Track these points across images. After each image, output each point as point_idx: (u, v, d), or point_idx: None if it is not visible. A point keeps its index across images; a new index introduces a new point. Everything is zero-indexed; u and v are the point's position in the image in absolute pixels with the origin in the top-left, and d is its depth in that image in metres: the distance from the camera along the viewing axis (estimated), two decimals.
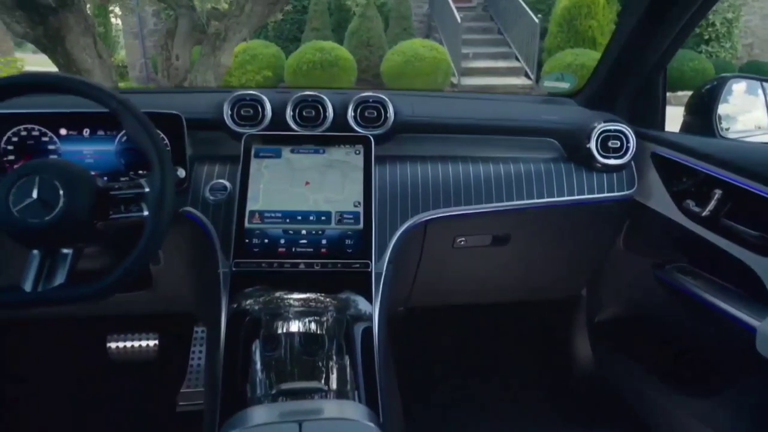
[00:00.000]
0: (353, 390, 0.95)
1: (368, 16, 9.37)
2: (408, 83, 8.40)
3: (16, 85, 0.94)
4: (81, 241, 0.97)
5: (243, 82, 8.30)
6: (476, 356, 1.86)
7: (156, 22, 10.08)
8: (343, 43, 9.35)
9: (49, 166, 0.92)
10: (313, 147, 1.21)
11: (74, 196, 0.90)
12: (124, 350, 1.69)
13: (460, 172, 1.27)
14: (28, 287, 0.90)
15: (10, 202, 0.88)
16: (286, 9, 7.67)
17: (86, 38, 4.54)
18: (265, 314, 1.08)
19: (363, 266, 1.11)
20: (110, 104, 0.93)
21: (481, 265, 1.45)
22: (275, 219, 1.14)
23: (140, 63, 10.48)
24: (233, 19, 5.04)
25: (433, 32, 10.69)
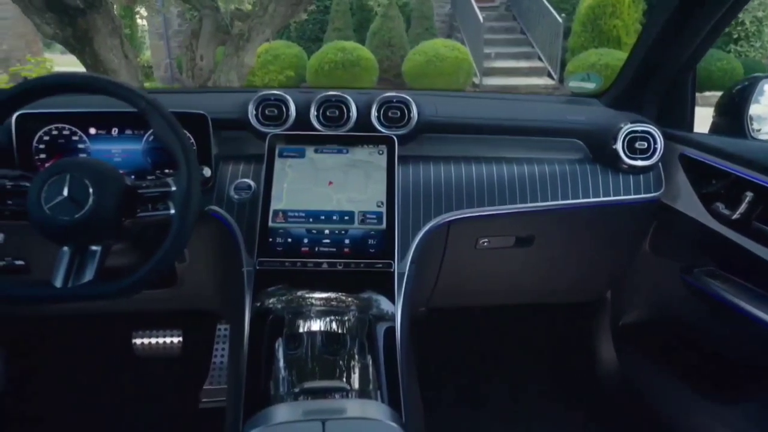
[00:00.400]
0: (376, 390, 0.96)
1: (390, 16, 9.37)
2: (429, 83, 8.38)
3: (49, 85, 0.96)
4: (109, 239, 0.98)
5: (266, 82, 8.36)
6: (498, 358, 1.85)
7: (180, 23, 10.21)
8: (365, 43, 9.36)
9: (80, 165, 0.93)
10: (336, 147, 1.22)
11: (103, 194, 0.91)
12: (149, 346, 1.71)
13: (484, 173, 1.26)
14: (59, 283, 0.92)
15: (42, 200, 0.90)
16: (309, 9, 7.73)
17: (113, 39, 4.62)
18: (288, 313, 1.08)
19: (386, 266, 1.11)
20: (139, 104, 0.95)
21: (504, 267, 1.44)
22: (299, 218, 1.15)
23: (165, 63, 10.62)
24: (256, 20, 5.09)
25: (455, 32, 10.65)
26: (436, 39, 9.24)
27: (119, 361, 1.76)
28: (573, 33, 9.06)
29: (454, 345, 1.84)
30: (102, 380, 1.75)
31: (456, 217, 1.21)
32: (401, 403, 0.94)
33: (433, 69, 8.43)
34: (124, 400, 1.71)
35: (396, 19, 9.47)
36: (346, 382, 0.96)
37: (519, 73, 9.39)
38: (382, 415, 0.86)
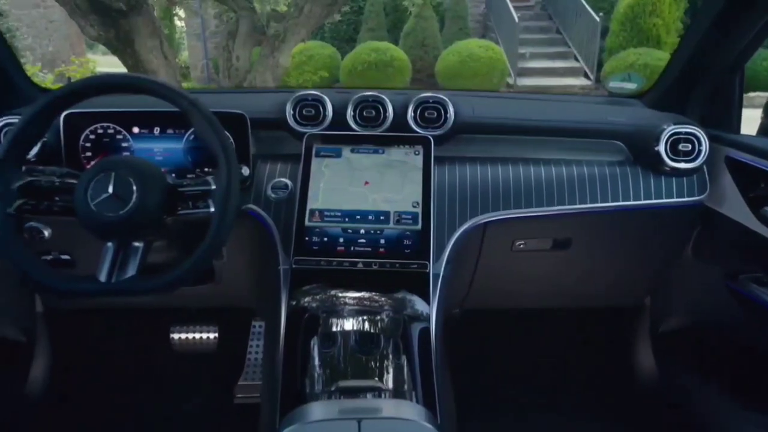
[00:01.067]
0: (410, 390, 0.95)
1: (424, 16, 9.34)
2: (463, 83, 8.32)
3: (95, 85, 0.99)
4: (151, 235, 1.01)
5: (300, 82, 8.44)
6: (532, 362, 1.82)
7: (217, 24, 10.38)
8: (398, 44, 9.36)
9: (124, 163, 0.96)
10: (372, 147, 1.22)
11: (146, 191, 0.94)
12: (186, 341, 1.75)
13: (521, 174, 1.24)
14: (103, 278, 0.94)
15: (89, 197, 0.92)
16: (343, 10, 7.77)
17: (153, 40, 4.74)
18: (323, 311, 1.09)
19: (421, 267, 1.11)
20: (181, 104, 0.97)
21: (541, 269, 1.42)
22: (335, 218, 1.15)
23: (202, 64, 10.81)
24: (292, 21, 5.14)
25: (490, 32, 10.55)
26: (470, 39, 9.17)
27: (158, 355, 1.80)
28: (611, 32, 8.87)
29: (487, 348, 1.83)
30: (141, 373, 1.79)
31: (492, 218, 1.20)
32: (436, 404, 0.94)
33: (467, 69, 8.37)
34: (162, 393, 1.74)
35: (430, 19, 9.44)
36: (381, 381, 0.96)
37: (554, 73, 9.25)
38: (417, 416, 0.85)
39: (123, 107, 1.22)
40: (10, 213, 0.94)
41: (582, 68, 9.16)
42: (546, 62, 9.48)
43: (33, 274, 0.93)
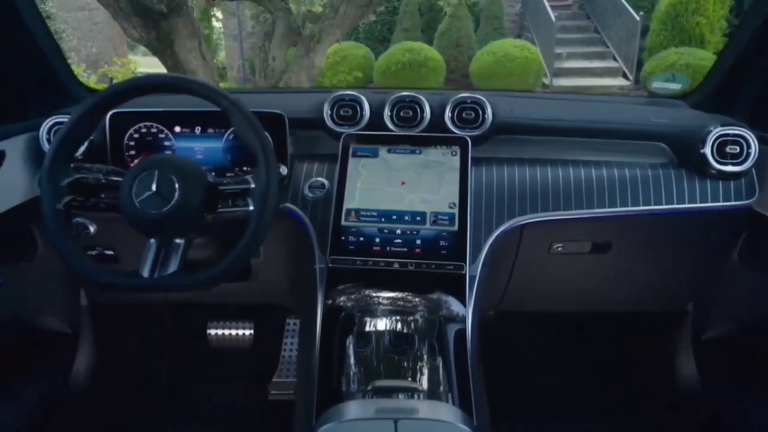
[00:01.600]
0: (446, 392, 0.95)
1: (459, 16, 9.28)
2: (498, 84, 8.24)
3: (140, 86, 1.02)
4: (192, 232, 1.03)
5: (334, 82, 8.49)
6: (567, 366, 1.79)
7: (254, 25, 10.52)
8: (433, 44, 9.33)
9: (167, 162, 0.98)
10: (409, 147, 1.22)
11: (188, 189, 0.96)
12: (222, 337, 1.78)
13: (560, 176, 1.22)
14: (146, 273, 0.97)
15: (133, 194, 0.95)
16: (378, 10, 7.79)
17: (192, 41, 4.84)
18: (358, 311, 1.09)
19: (457, 268, 1.10)
20: (222, 103, 0.99)
21: (579, 273, 1.40)
22: (371, 217, 1.15)
23: (238, 64, 10.99)
24: (327, 21, 5.18)
25: (525, 32, 10.42)
26: (505, 39, 9.08)
27: (195, 350, 1.83)
28: (651, 31, 8.64)
29: (522, 351, 1.80)
30: (178, 367, 1.83)
31: (530, 220, 1.19)
32: (472, 406, 0.93)
33: (502, 69, 8.28)
34: (198, 388, 1.78)
35: (465, 19, 9.37)
36: (416, 382, 0.96)
37: (592, 73, 9.08)
38: (453, 418, 0.85)
39: (166, 107, 1.24)
40: (60, 209, 0.97)
41: (620, 68, 8.96)
42: (583, 62, 9.31)
43: (80, 269, 0.96)
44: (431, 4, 10.01)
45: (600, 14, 9.83)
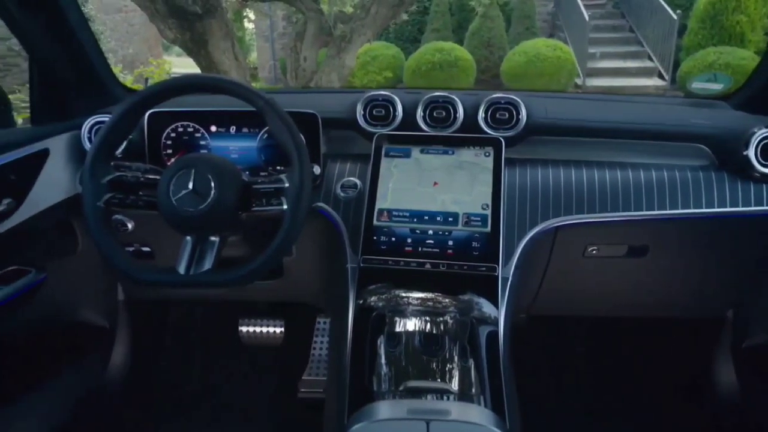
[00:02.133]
0: (478, 394, 0.94)
1: (490, 15, 9.21)
2: (529, 84, 8.15)
3: (179, 86, 1.04)
4: (227, 230, 1.04)
5: (365, 82, 8.51)
6: (600, 372, 1.76)
7: (285, 26, 10.63)
8: (463, 44, 9.27)
9: (204, 161, 1.00)
10: (442, 148, 1.22)
11: (224, 188, 0.97)
12: (253, 334, 1.80)
13: (596, 178, 1.20)
14: (182, 270, 0.98)
15: (171, 192, 0.97)
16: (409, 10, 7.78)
17: (226, 42, 4.91)
18: (388, 311, 1.09)
19: (489, 270, 1.09)
20: (257, 103, 1.00)
21: (614, 277, 1.37)
22: (403, 218, 1.15)
23: (269, 64, 11.11)
24: (358, 22, 5.19)
25: (558, 31, 10.28)
26: (537, 39, 8.97)
27: (226, 347, 1.86)
28: (689, 30, 8.42)
29: (554, 355, 1.78)
30: (211, 363, 1.86)
31: (564, 222, 1.17)
32: (505, 409, 0.92)
33: (533, 69, 8.18)
34: (229, 383, 1.81)
35: (496, 18, 9.29)
36: (448, 384, 0.95)
37: (626, 73, 8.90)
38: (486, 420, 0.84)
39: (202, 107, 1.27)
40: (100, 206, 0.99)
41: (656, 68, 8.76)
42: (617, 62, 9.13)
43: (119, 265, 0.98)
44: (462, 4, 9.95)
45: (635, 13, 9.63)
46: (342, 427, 0.88)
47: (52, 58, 1.27)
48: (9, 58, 7.85)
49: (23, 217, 1.11)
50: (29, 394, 1.25)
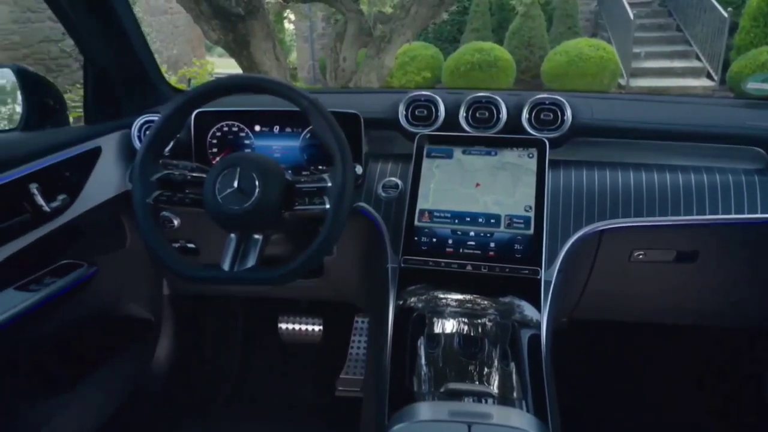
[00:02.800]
0: (520, 398, 0.93)
1: (531, 15, 9.08)
2: (570, 84, 7.99)
3: (226, 86, 1.06)
4: (270, 228, 1.06)
5: (403, 83, 8.51)
6: (643, 380, 1.71)
7: (325, 27, 10.72)
8: (503, 44, 9.17)
9: (249, 160, 1.01)
10: (485, 148, 1.21)
11: (268, 187, 0.98)
12: (292, 331, 1.82)
13: (643, 181, 1.17)
14: (226, 267, 1.00)
15: (216, 190, 0.98)
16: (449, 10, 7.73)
17: (267, 43, 4.99)
18: (428, 312, 1.09)
19: (532, 273, 1.08)
20: (302, 104, 1.01)
21: (661, 283, 1.33)
22: (444, 218, 1.15)
23: (309, 65, 11.22)
24: (398, 22, 5.19)
25: (601, 30, 10.06)
26: (579, 38, 8.79)
27: (266, 343, 1.89)
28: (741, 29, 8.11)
29: (596, 361, 1.74)
30: (250, 359, 1.89)
31: (610, 226, 1.14)
32: (547, 414, 0.91)
33: (575, 70, 8.02)
34: (268, 380, 1.83)
35: (537, 18, 9.15)
36: (489, 386, 0.94)
37: (672, 73, 8.63)
38: (528, 425, 0.83)
39: (246, 107, 1.29)
40: (149, 203, 1.02)
41: (704, 68, 8.47)
42: (663, 62, 8.87)
43: (167, 260, 1.00)
44: (503, 3, 9.85)
45: (683, 11, 9.34)
46: (383, 427, 0.88)
47: (106, 60, 1.32)
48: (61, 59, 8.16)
49: (76, 212, 1.15)
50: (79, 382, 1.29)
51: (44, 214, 1.07)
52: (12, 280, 1.08)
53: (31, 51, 7.79)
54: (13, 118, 1.29)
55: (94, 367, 1.34)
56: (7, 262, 0.99)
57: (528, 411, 0.91)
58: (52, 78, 1.30)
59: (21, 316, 1.02)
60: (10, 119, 1.31)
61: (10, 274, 1.04)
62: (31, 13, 7.74)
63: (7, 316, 0.99)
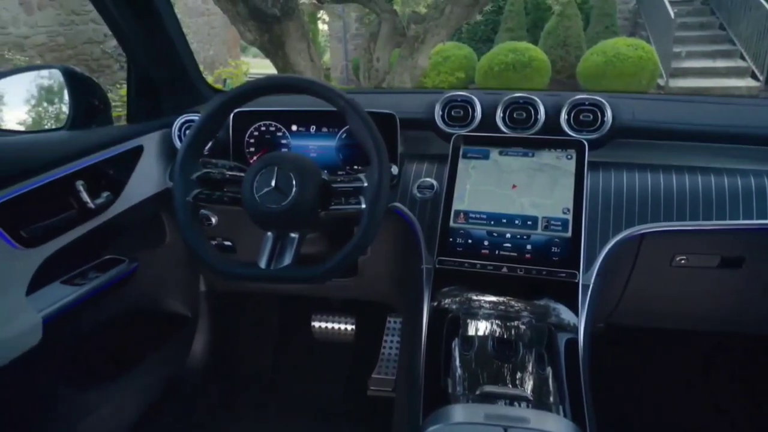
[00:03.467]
0: (557, 403, 0.91)
1: (568, 14, 8.92)
2: (606, 85, 7.83)
3: (265, 86, 1.07)
4: (306, 227, 1.06)
5: (436, 83, 8.48)
6: (684, 391, 1.66)
7: (358, 27, 10.76)
8: (538, 44, 9.05)
9: (286, 159, 1.02)
10: (522, 149, 1.19)
11: (305, 186, 0.99)
12: (325, 330, 1.84)
13: (686, 183, 1.14)
14: (263, 264, 1.01)
15: (254, 189, 1.00)
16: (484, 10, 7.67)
17: (301, 43, 5.04)
18: (462, 313, 1.08)
19: (569, 276, 1.06)
20: (339, 104, 1.01)
21: (704, 289, 1.29)
22: (480, 220, 1.14)
23: (342, 65, 11.29)
24: (432, 22, 5.18)
25: (640, 30, 9.83)
26: (617, 38, 8.60)
27: (299, 340, 1.91)
28: None
29: (633, 368, 1.70)
30: (283, 356, 1.91)
31: (651, 229, 1.11)
32: (585, 420, 0.89)
33: (612, 70, 7.86)
34: (300, 378, 1.85)
35: (574, 17, 9.00)
36: (524, 390, 0.93)
37: (714, 73, 8.38)
38: (565, 430, 0.82)
39: (282, 107, 1.30)
40: (189, 201, 1.04)
41: (749, 68, 8.20)
42: (705, 62, 8.61)
43: (206, 257, 1.02)
44: (538, 2, 9.71)
45: (726, 9, 9.06)
46: (417, 428, 0.88)
47: (150, 61, 1.35)
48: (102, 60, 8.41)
49: (119, 209, 1.18)
50: (119, 375, 1.33)
51: (89, 211, 1.10)
52: (58, 274, 1.11)
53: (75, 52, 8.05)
54: (59, 118, 1.34)
55: (133, 361, 1.37)
56: (55, 257, 1.02)
57: (565, 416, 0.89)
58: (93, 78, 1.33)
59: (67, 309, 1.06)
60: (57, 118, 1.35)
61: (57, 268, 1.08)
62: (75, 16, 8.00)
63: (54, 308, 1.03)
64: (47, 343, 1.00)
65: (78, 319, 1.12)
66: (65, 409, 1.17)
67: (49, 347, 1.00)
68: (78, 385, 1.21)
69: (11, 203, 0.93)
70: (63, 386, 1.17)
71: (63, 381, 1.17)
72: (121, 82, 6.14)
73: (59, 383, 1.16)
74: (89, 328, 1.23)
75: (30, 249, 0.98)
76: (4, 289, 0.95)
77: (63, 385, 1.17)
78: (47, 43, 7.67)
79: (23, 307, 0.98)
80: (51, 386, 1.14)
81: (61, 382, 1.17)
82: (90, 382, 1.25)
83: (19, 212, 0.96)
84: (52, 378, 1.14)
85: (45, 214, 1.01)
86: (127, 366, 1.35)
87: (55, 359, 1.13)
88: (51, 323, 1.01)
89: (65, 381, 1.18)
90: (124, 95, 4.49)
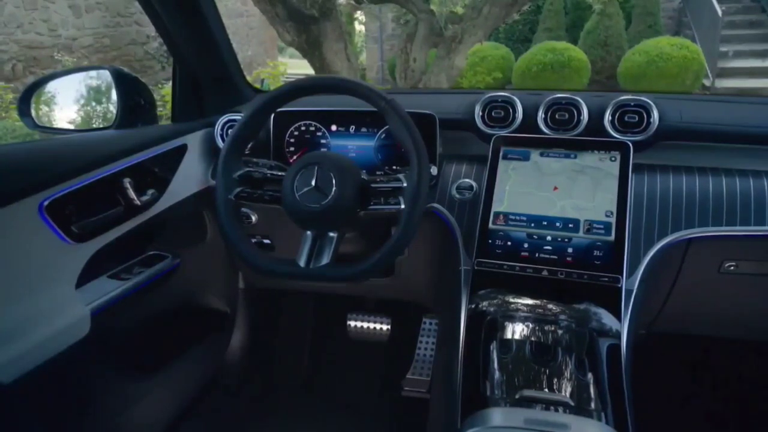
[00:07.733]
0: (599, 410, 0.90)
1: (608, 13, 8.73)
2: (648, 85, 7.63)
3: (306, 87, 1.08)
4: (345, 227, 1.07)
5: (473, 83, 8.41)
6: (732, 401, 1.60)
7: (394, 27, 10.77)
8: (578, 43, 8.87)
9: (326, 159, 1.03)
10: (563, 151, 1.17)
11: (344, 186, 0.99)
12: (360, 329, 1.84)
13: (737, 187, 1.10)
14: (302, 263, 1.02)
15: (295, 188, 1.01)
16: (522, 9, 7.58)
17: (339, 44, 5.07)
18: (500, 316, 1.07)
19: (612, 281, 1.04)
20: (379, 104, 1.01)
21: (754, 297, 1.24)
22: (520, 222, 1.12)
23: (377, 65, 11.31)
24: (470, 22, 5.14)
25: (684, 28, 9.55)
26: (660, 37, 8.37)
27: (334, 339, 1.92)
28: None
29: (676, 377, 1.65)
30: (319, 353, 1.93)
31: (699, 234, 1.08)
32: (629, 428, 0.87)
33: (654, 70, 7.64)
34: (336, 376, 1.86)
35: (615, 16, 8.79)
36: (564, 396, 0.91)
37: (764, 73, 8.07)
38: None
39: (322, 107, 1.31)
40: (231, 199, 1.06)
41: None
42: (754, 61, 8.31)
43: (246, 255, 1.04)
44: (578, 1, 9.54)
45: None
46: (454, 431, 0.88)
47: (195, 62, 1.38)
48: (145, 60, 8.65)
49: (163, 206, 1.21)
50: (160, 370, 1.36)
51: (136, 207, 1.13)
52: (106, 269, 1.15)
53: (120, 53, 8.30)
54: (107, 117, 1.38)
55: (174, 355, 1.40)
56: (102, 252, 1.06)
57: (607, 423, 0.87)
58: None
59: (113, 303, 1.09)
60: (104, 117, 1.40)
61: (104, 262, 1.11)
62: (120, 18, 8.26)
63: (101, 302, 1.06)
64: (94, 336, 1.03)
65: (123, 313, 1.15)
66: (110, 399, 1.21)
67: (96, 340, 1.03)
68: (122, 377, 1.25)
69: (63, 200, 0.97)
70: (108, 378, 1.21)
71: (109, 373, 1.21)
72: (163, 83, 6.30)
73: (105, 375, 1.20)
74: (133, 322, 1.26)
75: (80, 244, 1.01)
76: (56, 283, 0.98)
77: (108, 376, 1.21)
78: (93, 45, 7.94)
79: (73, 300, 1.01)
80: (98, 377, 1.18)
81: (107, 373, 1.20)
82: (133, 375, 1.28)
83: (71, 208, 0.99)
84: (99, 369, 1.18)
85: (94, 211, 1.04)
86: (168, 360, 1.38)
87: (101, 352, 1.16)
88: (98, 316, 1.04)
89: (111, 373, 1.21)
90: (165, 95, 4.61)
